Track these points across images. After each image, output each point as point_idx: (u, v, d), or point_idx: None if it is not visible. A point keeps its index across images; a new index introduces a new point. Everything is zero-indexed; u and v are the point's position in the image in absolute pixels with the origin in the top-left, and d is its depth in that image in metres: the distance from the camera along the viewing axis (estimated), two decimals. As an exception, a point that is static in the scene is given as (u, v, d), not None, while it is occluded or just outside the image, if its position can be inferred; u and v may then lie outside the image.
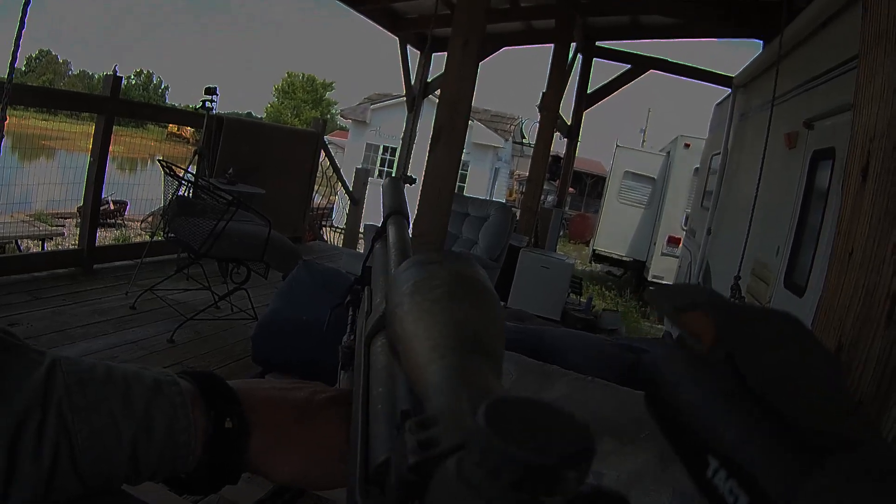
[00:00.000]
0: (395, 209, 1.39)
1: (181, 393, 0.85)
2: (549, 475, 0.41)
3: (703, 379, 0.48)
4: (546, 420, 0.45)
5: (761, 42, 10.78)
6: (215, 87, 9.13)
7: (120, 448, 0.80)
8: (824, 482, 0.38)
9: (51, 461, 0.76)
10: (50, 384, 0.78)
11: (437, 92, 13.81)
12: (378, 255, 1.30)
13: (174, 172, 7.19)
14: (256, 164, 9.88)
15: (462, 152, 6.38)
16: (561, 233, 17.29)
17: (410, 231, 1.54)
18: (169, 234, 6.84)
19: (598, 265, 25.44)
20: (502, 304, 9.39)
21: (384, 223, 1.36)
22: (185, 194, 7.51)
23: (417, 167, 7.48)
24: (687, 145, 20.65)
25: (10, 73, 3.91)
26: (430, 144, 6.28)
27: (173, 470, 0.85)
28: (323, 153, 12.04)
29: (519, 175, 38.91)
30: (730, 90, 10.81)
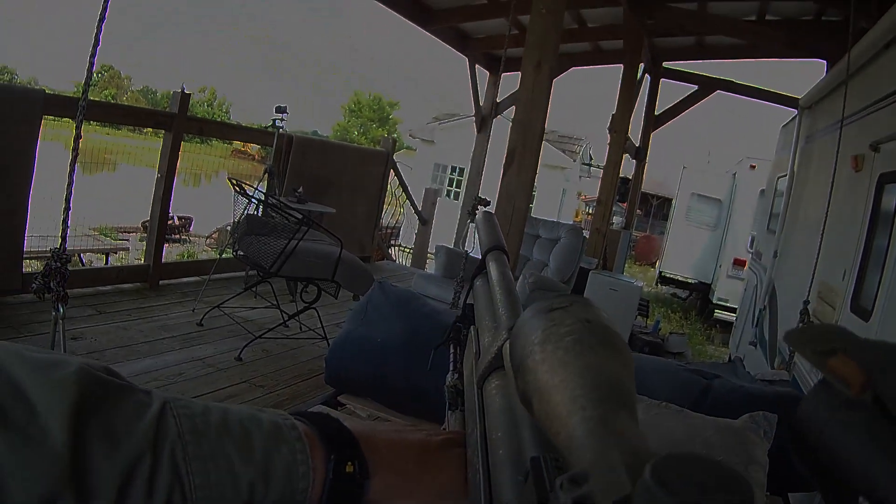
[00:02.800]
0: (494, 244, 1.34)
1: (300, 438, 0.81)
2: None
3: (852, 422, 0.47)
4: (708, 475, 0.44)
5: (825, 63, 10.73)
6: (285, 107, 9.19)
7: (237, 498, 0.76)
8: None
9: None
10: (161, 428, 0.73)
11: (506, 112, 13.87)
12: (480, 292, 1.27)
13: (244, 191, 7.21)
14: (325, 182, 9.93)
15: (535, 175, 6.34)
16: (629, 256, 17.27)
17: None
18: (238, 252, 6.85)
19: (664, 287, 25.35)
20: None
21: (483, 259, 1.32)
22: (254, 212, 7.54)
23: (486, 187, 7.46)
24: (753, 167, 20.58)
25: (84, 92, 3.90)
26: (504, 167, 6.25)
27: None
28: (392, 172, 12.07)
29: (585, 196, 38.96)
30: (795, 111, 10.69)
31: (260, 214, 7.63)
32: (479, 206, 6.60)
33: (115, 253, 16.51)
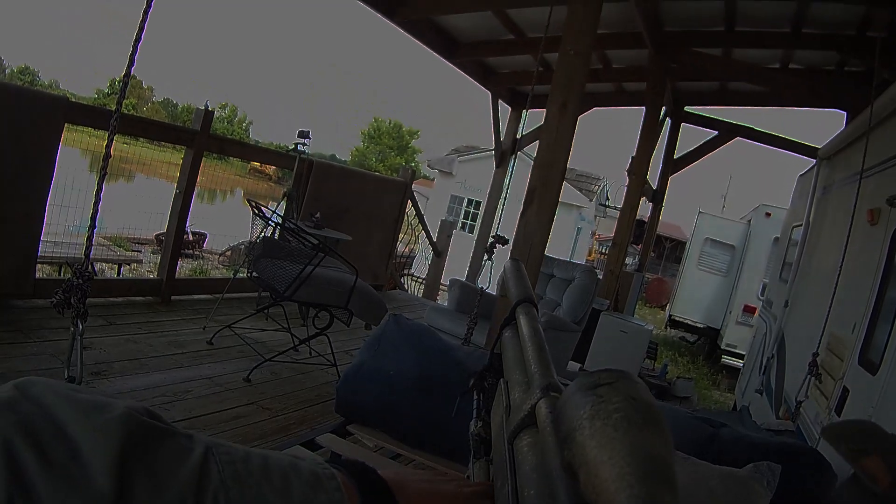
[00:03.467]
0: (525, 297, 1.36)
1: (339, 488, 0.82)
2: None
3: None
4: None
5: (844, 113, 10.73)
6: (308, 131, 9.20)
7: None
8: None
9: None
10: (204, 474, 0.74)
11: (527, 147, 13.87)
12: (508, 344, 1.29)
13: (262, 213, 7.23)
14: (343, 209, 9.94)
15: (554, 215, 6.35)
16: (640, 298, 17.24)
17: (498, 291, 1.53)
18: (252, 274, 6.86)
19: (673, 330, 25.27)
20: (580, 366, 9.36)
21: (513, 311, 1.33)
22: (271, 235, 7.55)
23: (503, 223, 7.45)
24: (768, 214, 20.54)
25: (117, 109, 3.92)
26: (523, 206, 6.26)
27: None
28: (409, 202, 12.08)
29: (599, 235, 38.95)
30: (813, 160, 10.67)
31: (276, 237, 7.64)
32: (496, 245, 6.61)
33: (128, 265, 16.50)
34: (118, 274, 15.46)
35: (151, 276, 9.42)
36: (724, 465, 3.04)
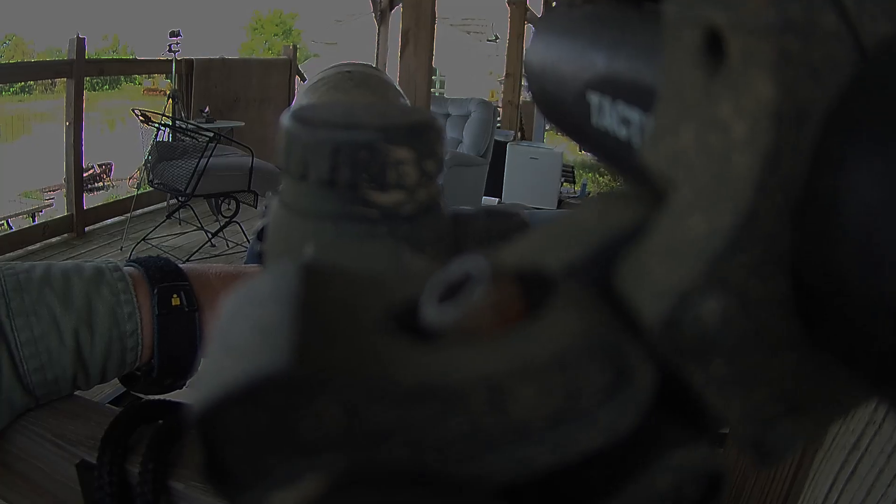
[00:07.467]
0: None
1: (123, 278, 0.79)
2: (370, 156, 0.35)
3: (567, 17, 0.39)
4: (374, 110, 0.38)
5: None
6: (178, 30, 9.01)
7: (63, 348, 0.75)
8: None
9: None
10: None
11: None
12: None
13: (149, 119, 7.12)
14: (232, 99, 9.85)
15: (433, 53, 6.30)
16: (548, 125, 17.21)
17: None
18: (154, 182, 6.78)
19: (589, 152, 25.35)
20: (498, 200, 9.37)
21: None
22: (165, 139, 7.45)
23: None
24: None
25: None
26: (400, 50, 6.21)
27: (124, 365, 0.80)
28: (297, 78, 11.97)
29: (499, 75, 38.74)
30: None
31: (171, 140, 7.55)
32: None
33: (41, 212, 16.25)
34: (34, 223, 15.30)
35: (62, 215, 9.29)
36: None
